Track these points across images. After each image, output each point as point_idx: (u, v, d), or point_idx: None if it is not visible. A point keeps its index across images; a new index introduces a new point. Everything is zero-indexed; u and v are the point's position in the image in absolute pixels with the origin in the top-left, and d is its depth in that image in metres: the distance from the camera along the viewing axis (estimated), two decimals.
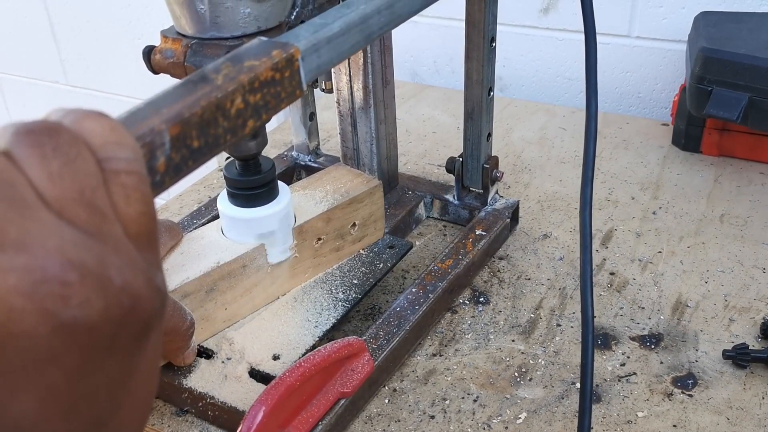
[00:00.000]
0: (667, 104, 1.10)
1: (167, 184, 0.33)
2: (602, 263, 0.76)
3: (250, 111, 0.38)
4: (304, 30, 0.45)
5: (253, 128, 0.38)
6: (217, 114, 0.35)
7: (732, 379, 0.61)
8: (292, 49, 0.41)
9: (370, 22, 0.49)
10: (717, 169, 0.91)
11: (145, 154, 0.31)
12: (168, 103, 0.33)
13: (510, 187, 0.90)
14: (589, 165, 0.57)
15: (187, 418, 0.59)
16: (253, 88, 0.38)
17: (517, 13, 1.14)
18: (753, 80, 0.82)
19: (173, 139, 0.32)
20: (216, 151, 0.36)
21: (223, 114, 0.36)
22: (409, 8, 0.54)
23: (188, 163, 0.34)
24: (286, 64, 0.40)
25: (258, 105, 0.38)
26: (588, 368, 0.52)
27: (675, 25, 1.05)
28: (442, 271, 0.69)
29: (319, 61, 0.44)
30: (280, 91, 0.40)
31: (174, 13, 0.53)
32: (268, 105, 0.39)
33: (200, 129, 0.34)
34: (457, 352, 0.65)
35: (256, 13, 0.52)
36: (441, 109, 1.11)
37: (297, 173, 0.89)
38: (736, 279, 0.72)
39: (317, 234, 0.67)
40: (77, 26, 1.53)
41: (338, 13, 0.48)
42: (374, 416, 0.59)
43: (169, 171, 0.32)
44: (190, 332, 0.56)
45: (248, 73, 0.37)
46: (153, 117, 0.32)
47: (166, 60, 0.53)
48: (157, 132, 0.31)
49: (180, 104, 0.34)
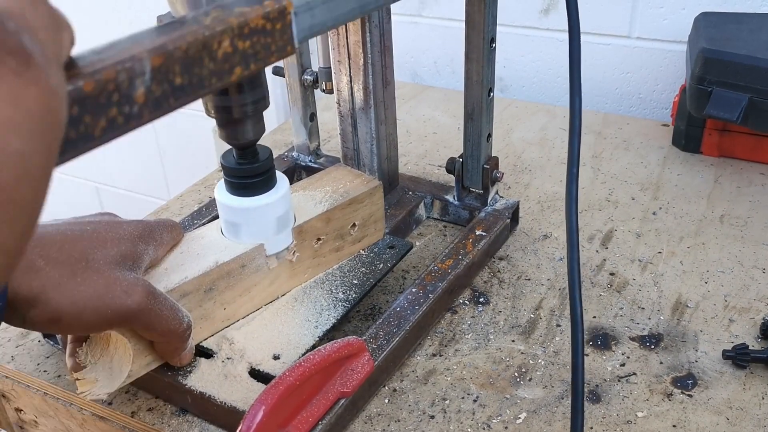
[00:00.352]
0: (668, 105, 1.10)
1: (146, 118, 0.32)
2: (602, 263, 0.76)
3: (239, 57, 0.37)
4: None
5: (240, 76, 0.37)
6: (203, 53, 0.35)
7: (732, 379, 0.61)
8: (284, 2, 0.40)
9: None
10: (717, 169, 0.91)
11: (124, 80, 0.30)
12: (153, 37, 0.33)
13: (510, 188, 0.90)
14: (573, 161, 0.57)
15: (187, 418, 0.59)
16: (243, 33, 0.37)
17: (517, 14, 1.14)
18: (753, 81, 0.82)
19: (154, 70, 0.32)
20: (200, 93, 0.35)
21: (210, 54, 0.35)
22: None
23: (169, 101, 0.33)
24: (278, 16, 0.39)
25: (247, 52, 0.37)
26: (579, 368, 0.52)
27: (675, 26, 1.05)
28: (442, 272, 0.69)
29: (313, 21, 0.44)
30: (271, 43, 0.39)
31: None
32: (258, 55, 0.38)
33: (184, 65, 0.33)
34: (457, 352, 0.65)
35: None
36: (441, 109, 1.11)
37: (297, 174, 0.89)
38: (736, 279, 0.72)
39: (317, 234, 0.67)
40: (77, 26, 1.53)
41: None
42: (374, 416, 0.59)
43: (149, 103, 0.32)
44: (186, 334, 0.56)
45: (238, 17, 0.37)
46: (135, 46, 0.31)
47: None
48: (137, 59, 0.31)
49: (165, 38, 0.33)
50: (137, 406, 0.60)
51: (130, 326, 0.53)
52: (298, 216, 0.66)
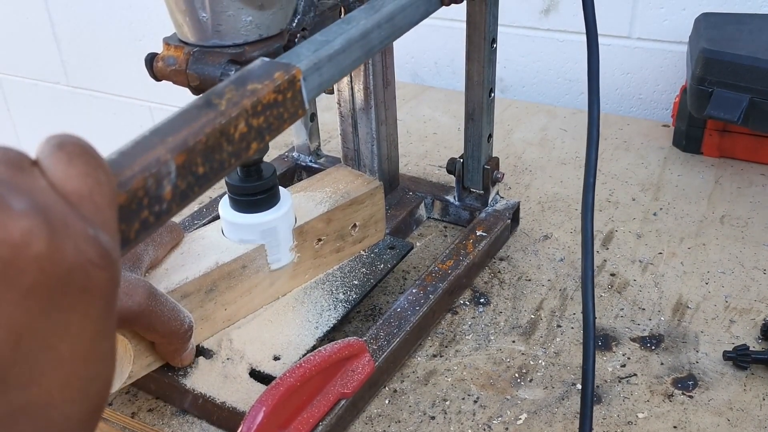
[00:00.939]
0: (668, 105, 1.10)
1: (174, 210, 0.33)
2: (603, 264, 0.75)
3: (254, 134, 0.38)
4: (305, 48, 0.45)
5: (257, 150, 0.39)
6: (222, 139, 0.36)
7: (732, 380, 0.61)
8: (293, 70, 0.41)
9: (371, 36, 0.49)
10: (718, 170, 0.91)
11: (152, 185, 0.31)
12: (173, 131, 0.34)
13: (511, 188, 0.90)
14: (591, 171, 0.57)
15: (188, 419, 0.59)
16: (256, 111, 0.38)
17: (517, 15, 1.14)
18: (754, 81, 0.82)
19: (179, 168, 0.33)
20: (221, 174, 0.36)
21: (228, 139, 0.36)
22: (410, 20, 0.54)
23: (194, 189, 0.34)
24: (288, 86, 0.40)
25: (261, 127, 0.39)
26: (589, 374, 0.52)
27: (676, 27, 1.05)
28: (442, 272, 0.69)
29: (321, 79, 0.44)
30: (283, 112, 0.40)
31: (176, 21, 0.53)
32: (271, 126, 0.39)
33: (205, 155, 0.35)
34: (458, 353, 0.65)
35: (258, 21, 0.52)
36: (442, 110, 1.11)
37: (298, 174, 0.89)
38: (736, 280, 0.72)
39: (318, 235, 0.67)
40: (78, 27, 1.54)
41: (339, 30, 0.48)
42: (374, 417, 0.59)
43: (176, 198, 0.33)
44: (188, 335, 0.56)
45: (251, 97, 0.38)
46: (158, 147, 0.32)
47: (168, 67, 0.53)
48: (162, 162, 0.32)
49: (185, 132, 0.34)
50: (137, 407, 0.60)
51: (131, 327, 0.53)
52: (298, 217, 0.66)
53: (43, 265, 0.24)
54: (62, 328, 0.25)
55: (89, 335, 0.26)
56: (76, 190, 0.26)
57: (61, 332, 0.25)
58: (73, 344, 0.26)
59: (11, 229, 0.23)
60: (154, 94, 1.53)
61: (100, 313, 0.26)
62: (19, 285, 0.23)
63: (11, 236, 0.23)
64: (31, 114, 1.76)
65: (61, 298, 0.25)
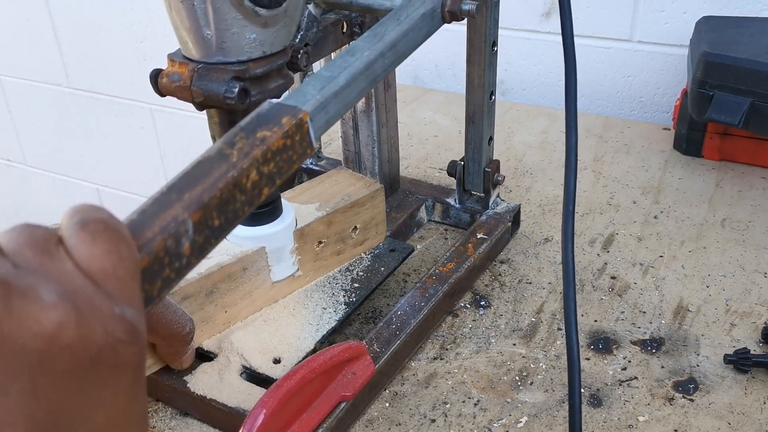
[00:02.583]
0: (669, 108, 1.10)
1: (193, 264, 0.34)
2: (603, 267, 0.75)
3: (265, 180, 0.39)
4: (311, 87, 0.44)
5: (268, 195, 0.39)
6: (235, 191, 0.37)
7: (733, 383, 0.61)
8: (300, 114, 0.41)
9: (375, 66, 0.49)
10: (718, 173, 0.91)
11: (172, 244, 0.33)
12: (189, 187, 0.35)
13: (511, 191, 0.90)
14: (570, 198, 0.55)
15: (188, 421, 0.59)
16: (266, 159, 0.39)
17: (518, 18, 1.14)
18: (754, 85, 0.82)
19: (196, 225, 0.34)
20: (236, 223, 0.37)
21: (240, 190, 0.37)
22: (413, 44, 0.54)
23: (211, 241, 0.35)
24: (296, 129, 0.41)
25: (272, 173, 0.39)
26: (575, 365, 0.52)
27: (676, 30, 1.05)
28: (443, 275, 0.69)
29: (327, 116, 0.45)
30: (292, 155, 0.41)
31: (181, 38, 0.53)
32: (281, 170, 0.40)
33: (220, 209, 0.36)
34: (458, 355, 0.65)
35: (262, 39, 0.52)
36: (442, 112, 1.11)
37: (299, 176, 0.89)
38: (737, 283, 0.72)
39: (318, 237, 0.67)
40: (79, 29, 1.54)
41: (344, 63, 0.47)
42: (375, 420, 0.59)
43: (194, 252, 0.34)
44: (189, 337, 0.56)
45: (261, 146, 0.38)
46: (175, 205, 0.34)
47: (172, 83, 0.54)
48: (180, 222, 0.33)
49: (200, 188, 0.35)
50: None
51: None
52: (299, 219, 0.66)
53: (74, 350, 0.25)
54: (96, 401, 0.27)
55: (122, 403, 0.28)
56: (100, 268, 0.27)
57: (96, 404, 0.27)
58: (108, 414, 0.27)
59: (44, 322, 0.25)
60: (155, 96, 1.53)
61: (131, 382, 0.28)
62: (54, 370, 0.25)
63: (44, 329, 0.25)
64: (33, 115, 1.76)
65: (94, 376, 0.26)
